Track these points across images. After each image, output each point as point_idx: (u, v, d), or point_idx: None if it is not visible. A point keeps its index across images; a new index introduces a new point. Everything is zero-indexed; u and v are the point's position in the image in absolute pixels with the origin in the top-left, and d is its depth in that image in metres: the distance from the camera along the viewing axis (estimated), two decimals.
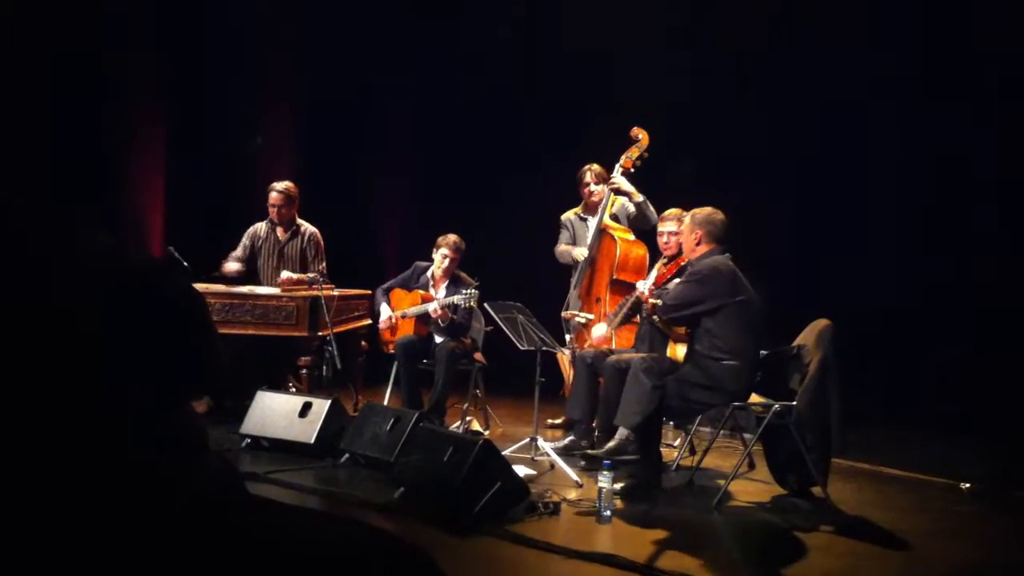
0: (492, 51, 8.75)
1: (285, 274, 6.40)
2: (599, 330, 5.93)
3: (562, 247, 6.53)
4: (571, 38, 8.27)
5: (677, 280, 5.18)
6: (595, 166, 6.41)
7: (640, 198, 6.19)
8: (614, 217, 6.33)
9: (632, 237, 6.21)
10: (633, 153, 6.22)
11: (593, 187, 6.37)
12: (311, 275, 6.37)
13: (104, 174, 7.27)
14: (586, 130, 7.88)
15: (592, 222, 6.34)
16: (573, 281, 6.38)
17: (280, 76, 8.63)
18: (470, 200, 8.55)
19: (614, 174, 6.24)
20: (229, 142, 8.07)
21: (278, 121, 8.62)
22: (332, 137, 8.80)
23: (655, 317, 5.05)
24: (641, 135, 6.23)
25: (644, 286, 5.34)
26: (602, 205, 6.28)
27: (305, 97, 8.82)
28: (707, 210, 5.05)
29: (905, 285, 7.33)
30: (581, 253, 6.30)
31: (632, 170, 6.23)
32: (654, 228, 5.98)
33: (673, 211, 5.71)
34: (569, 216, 6.59)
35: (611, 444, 5.06)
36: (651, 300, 5.10)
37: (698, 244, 4.99)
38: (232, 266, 6.52)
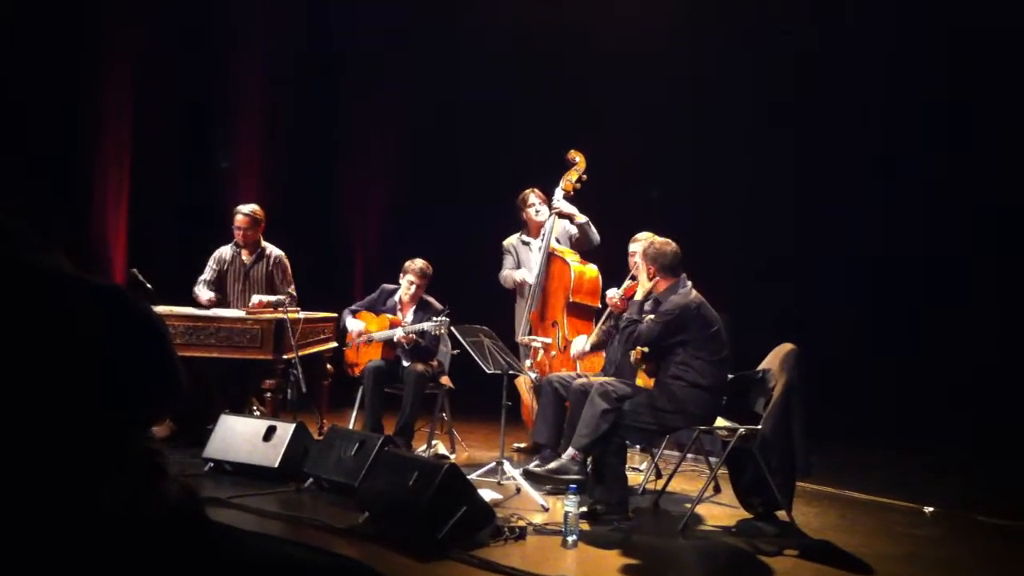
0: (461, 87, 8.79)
1: (256, 298, 6.34)
2: (578, 343, 5.92)
3: (505, 272, 6.54)
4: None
5: (647, 310, 5.17)
6: (536, 190, 6.48)
7: (583, 219, 6.28)
8: (557, 240, 6.37)
9: (579, 259, 6.25)
10: (572, 176, 6.30)
11: (538, 209, 6.41)
12: (280, 298, 6.32)
13: (67, 190, 7.21)
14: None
15: (535, 245, 6.39)
16: (525, 306, 6.37)
17: (250, 91, 8.60)
18: (439, 222, 8.56)
19: (555, 198, 6.31)
20: (197, 159, 8.04)
21: (247, 138, 8.57)
22: (302, 156, 8.78)
23: (634, 352, 5.03)
24: (578, 158, 6.33)
25: (615, 293, 5.41)
26: (547, 228, 6.32)
27: (275, 114, 8.78)
28: (657, 243, 5.10)
29: (869, 305, 7.41)
30: (523, 275, 6.31)
31: (572, 193, 6.30)
32: (597, 248, 6.20)
33: (645, 234, 5.75)
34: (512, 241, 6.62)
35: (553, 464, 5.03)
36: (619, 302, 5.30)
37: (653, 279, 5.04)
38: (206, 294, 6.43)
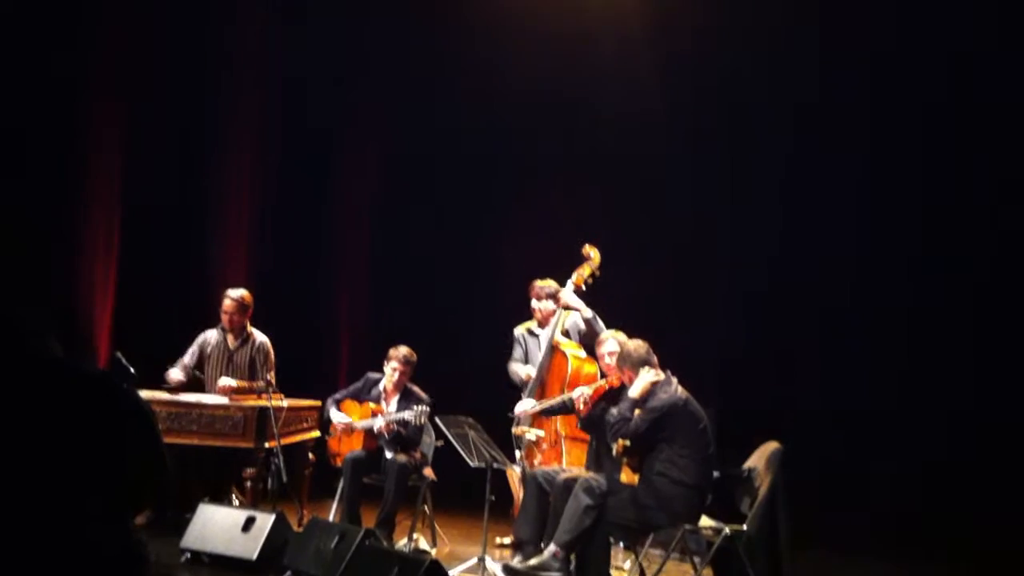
0: (452, 165, 8.91)
1: (224, 380, 6.30)
2: (524, 404, 5.92)
3: (513, 366, 6.50)
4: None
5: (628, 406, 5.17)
6: (547, 282, 6.46)
7: (589, 313, 6.25)
8: (565, 333, 6.36)
9: (583, 354, 6.23)
10: (585, 271, 6.30)
11: (544, 303, 6.41)
12: (257, 383, 6.28)
13: (53, 268, 7.23)
14: (543, 242, 7.98)
15: (544, 337, 6.36)
16: (524, 397, 6.36)
17: (237, 176, 8.68)
18: (426, 310, 8.58)
19: (564, 290, 6.30)
20: (183, 240, 8.08)
21: (236, 220, 8.62)
22: (289, 243, 8.82)
23: (616, 445, 5.02)
24: (592, 253, 6.32)
25: (582, 395, 5.40)
26: (553, 321, 6.31)
27: (263, 198, 8.84)
28: (627, 347, 5.17)
29: (867, 402, 7.42)
30: (528, 371, 6.29)
31: (583, 288, 6.31)
32: None
33: (609, 332, 5.79)
34: (521, 331, 6.60)
35: (534, 560, 4.96)
36: (581, 408, 5.34)
37: (632, 381, 5.08)
38: (176, 375, 6.40)
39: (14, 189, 6.89)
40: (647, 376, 5.06)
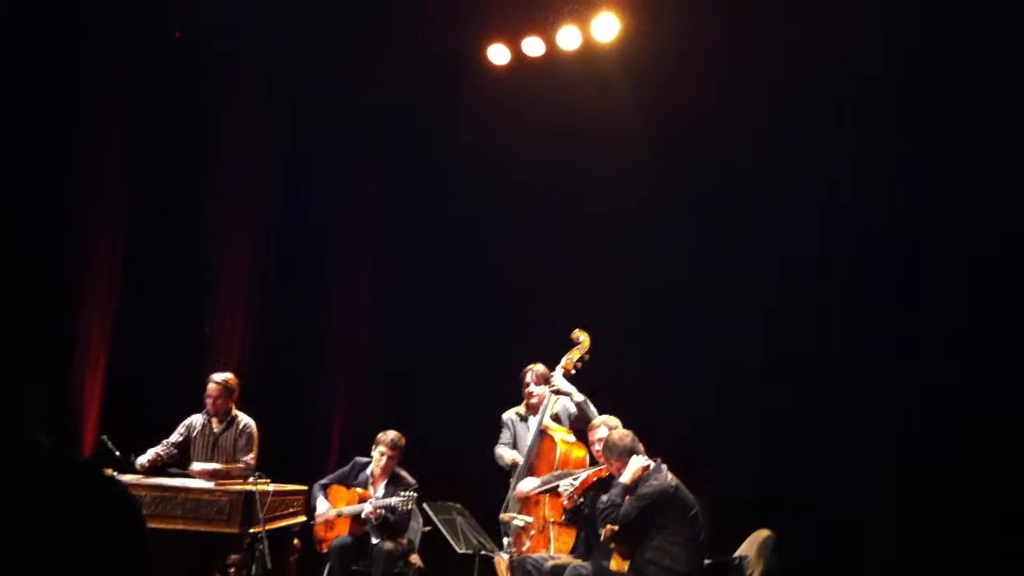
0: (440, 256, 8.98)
1: (198, 465, 6.23)
2: (527, 484, 5.84)
3: (500, 450, 6.42)
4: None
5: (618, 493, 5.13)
6: (537, 366, 6.43)
7: (580, 398, 6.21)
8: (555, 417, 6.32)
9: (572, 439, 6.18)
10: (575, 355, 6.28)
11: (534, 388, 6.36)
12: (236, 466, 6.20)
13: (47, 353, 7.19)
14: (533, 330, 7.99)
15: (533, 423, 6.32)
16: (512, 482, 6.29)
17: (234, 262, 8.70)
18: (413, 394, 8.54)
19: (554, 375, 6.29)
20: (176, 325, 8.05)
21: (231, 303, 8.61)
22: (285, 326, 8.81)
23: (604, 530, 4.98)
24: (583, 337, 6.32)
25: (569, 486, 5.37)
26: (543, 406, 6.28)
27: (259, 282, 8.86)
28: (612, 437, 5.17)
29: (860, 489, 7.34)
30: (513, 457, 6.22)
31: (573, 372, 6.29)
32: None
33: (602, 419, 5.77)
34: (510, 415, 6.55)
35: None
36: (566, 500, 5.32)
37: (620, 471, 5.07)
38: (150, 455, 6.34)
39: (10, 267, 6.90)
40: (638, 461, 5.04)
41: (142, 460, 6.30)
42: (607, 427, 5.47)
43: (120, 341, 7.69)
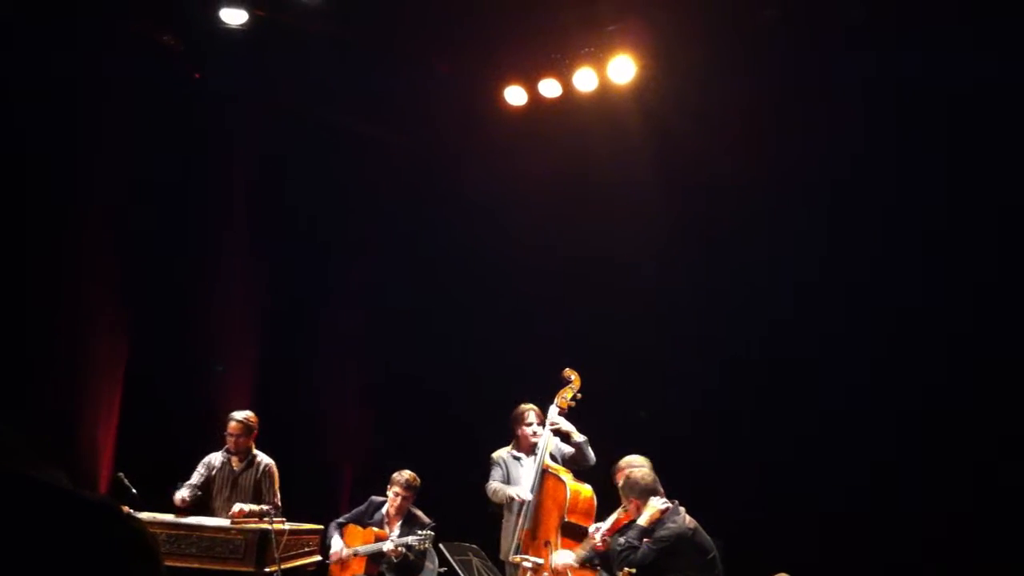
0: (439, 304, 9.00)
1: (238, 506, 6.24)
2: (564, 556, 5.74)
3: (495, 485, 6.31)
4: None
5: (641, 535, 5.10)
6: (531, 406, 6.43)
7: (580, 438, 6.19)
8: (551, 457, 6.30)
9: (573, 478, 6.15)
10: (567, 393, 6.28)
11: (536, 428, 6.34)
12: (264, 507, 6.21)
13: (59, 396, 7.23)
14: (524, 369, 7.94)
15: (527, 462, 6.27)
16: (515, 523, 6.19)
17: (240, 302, 8.72)
18: (428, 433, 8.51)
19: (551, 415, 6.27)
20: (189, 363, 8.08)
21: (240, 343, 8.63)
22: (293, 368, 8.82)
23: (621, 573, 4.95)
24: (573, 376, 6.33)
25: (598, 531, 5.32)
26: (541, 446, 6.25)
27: (265, 323, 8.87)
28: (634, 476, 5.15)
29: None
30: (517, 491, 6.14)
31: (566, 410, 6.29)
32: (593, 468, 6.09)
33: (630, 458, 5.74)
34: (501, 454, 6.47)
35: None
36: (600, 543, 5.20)
37: (639, 510, 5.05)
38: (182, 495, 6.33)
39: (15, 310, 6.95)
40: (656, 504, 5.02)
41: (184, 495, 6.31)
42: (632, 466, 5.46)
43: (132, 381, 7.74)
